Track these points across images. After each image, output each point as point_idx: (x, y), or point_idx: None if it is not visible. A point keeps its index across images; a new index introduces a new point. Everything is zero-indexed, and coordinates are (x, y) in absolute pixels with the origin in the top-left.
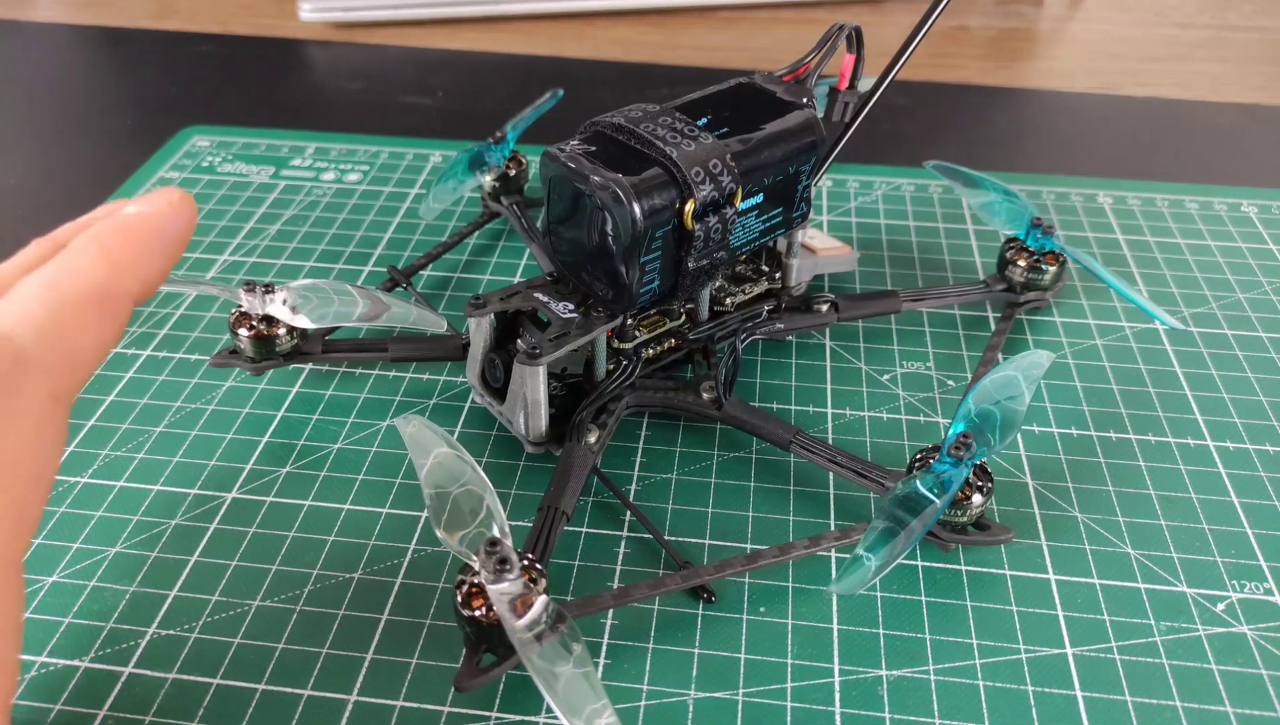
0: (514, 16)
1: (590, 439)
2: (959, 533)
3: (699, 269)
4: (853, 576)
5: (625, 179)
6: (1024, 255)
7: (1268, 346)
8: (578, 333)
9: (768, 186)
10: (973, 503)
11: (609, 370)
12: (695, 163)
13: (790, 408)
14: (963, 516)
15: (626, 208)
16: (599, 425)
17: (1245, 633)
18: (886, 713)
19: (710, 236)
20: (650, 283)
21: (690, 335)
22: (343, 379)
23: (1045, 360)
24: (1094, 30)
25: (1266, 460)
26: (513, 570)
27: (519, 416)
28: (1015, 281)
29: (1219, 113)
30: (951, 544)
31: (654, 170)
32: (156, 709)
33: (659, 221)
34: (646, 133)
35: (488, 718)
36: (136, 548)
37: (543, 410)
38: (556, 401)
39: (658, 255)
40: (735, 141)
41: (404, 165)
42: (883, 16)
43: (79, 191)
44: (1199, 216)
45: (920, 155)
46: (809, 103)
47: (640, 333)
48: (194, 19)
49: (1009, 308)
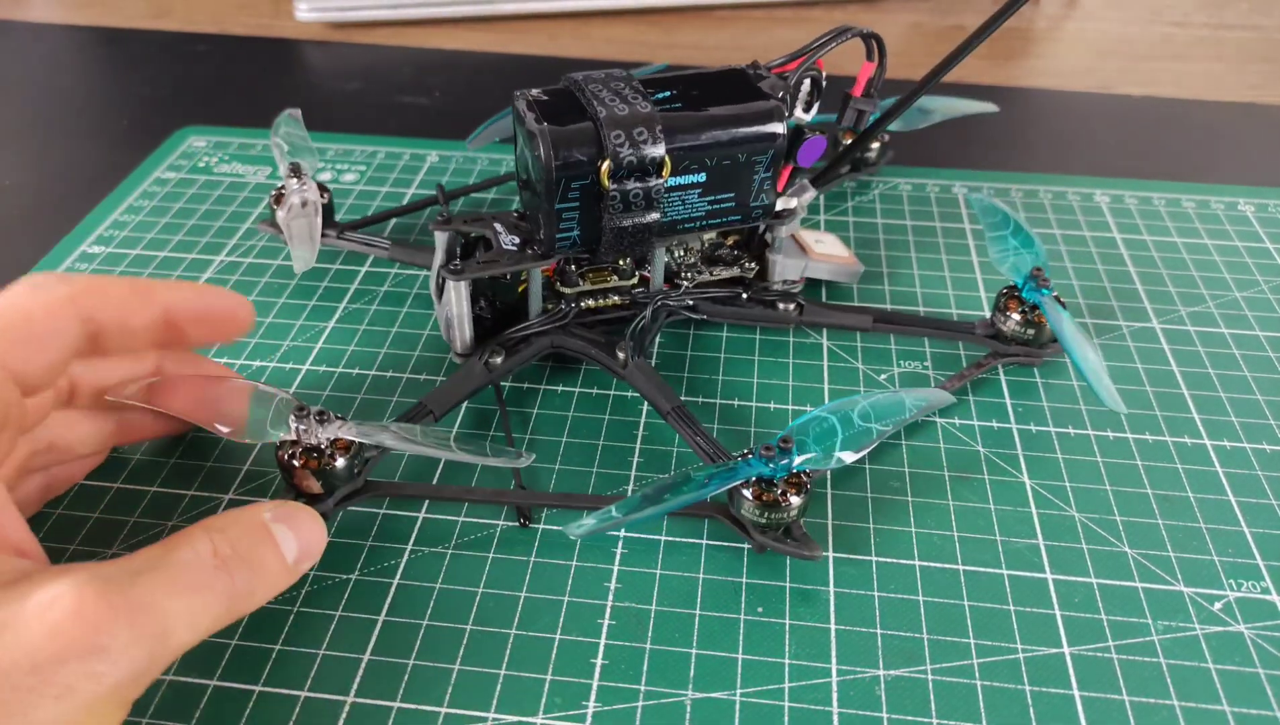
0: (511, 16)
1: (495, 360)
2: (771, 534)
3: (621, 230)
4: (588, 522)
5: (549, 127)
6: (1017, 306)
7: (1264, 345)
8: (506, 263)
9: (711, 167)
10: (784, 506)
11: (546, 309)
12: (619, 125)
13: (787, 407)
14: (768, 519)
15: (542, 153)
16: (511, 351)
17: (1242, 632)
18: (884, 713)
19: (630, 201)
20: (569, 231)
21: (638, 297)
22: (340, 379)
23: (941, 402)
24: (1090, 29)
25: (1264, 459)
26: (328, 417)
27: (444, 325)
28: (1003, 332)
29: (1215, 111)
30: (761, 547)
31: (583, 125)
32: (153, 711)
33: (575, 173)
34: (592, 93)
35: (485, 718)
36: (134, 549)
37: (465, 323)
38: (485, 323)
39: (575, 205)
40: (675, 115)
41: (400, 165)
42: (881, 16)
43: (74, 192)
44: (1196, 215)
45: (918, 155)
46: (782, 98)
47: (584, 283)
48: (190, 19)
49: (990, 357)
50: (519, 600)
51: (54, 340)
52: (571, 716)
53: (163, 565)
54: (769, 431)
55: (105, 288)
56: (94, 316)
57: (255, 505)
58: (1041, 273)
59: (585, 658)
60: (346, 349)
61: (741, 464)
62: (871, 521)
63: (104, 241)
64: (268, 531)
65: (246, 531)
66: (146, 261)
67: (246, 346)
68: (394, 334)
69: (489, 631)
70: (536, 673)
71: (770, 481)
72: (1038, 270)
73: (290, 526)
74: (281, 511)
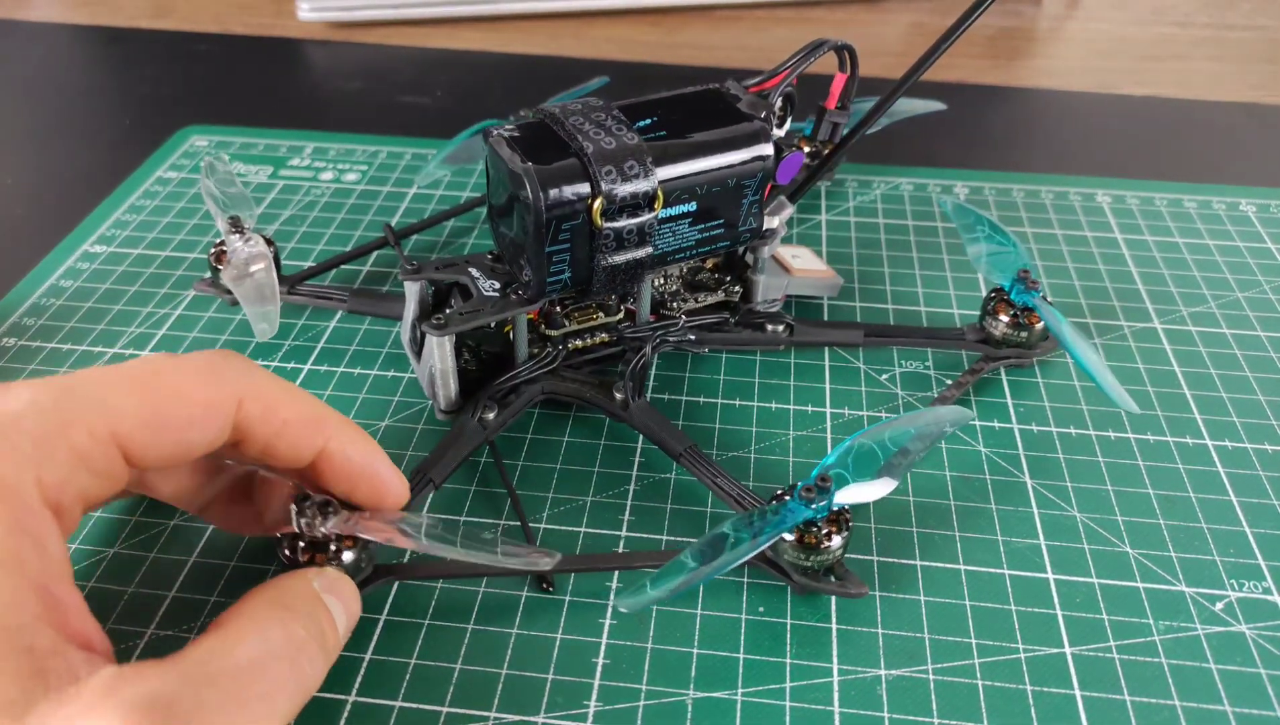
0: (512, 16)
1: (488, 416)
2: (813, 578)
3: (614, 267)
4: (632, 597)
5: (535, 167)
6: (1006, 309)
7: (1266, 346)
8: (490, 312)
9: (702, 196)
10: (828, 548)
11: (533, 354)
12: (608, 160)
13: (789, 407)
14: (813, 561)
15: (531, 196)
16: (502, 404)
17: (1244, 632)
18: (885, 712)
19: (624, 237)
20: (559, 274)
21: (626, 333)
22: (341, 379)
23: (963, 418)
24: (1092, 29)
25: (1265, 459)
26: (333, 506)
27: (427, 382)
28: (993, 335)
29: (1217, 111)
30: (803, 589)
31: (569, 162)
32: None
33: (565, 214)
34: (573, 126)
35: (486, 718)
36: (135, 548)
37: (450, 379)
38: (472, 375)
39: (565, 246)
40: (663, 145)
41: (402, 165)
42: (881, 16)
43: (76, 192)
44: (1197, 216)
45: (918, 155)
46: (765, 118)
47: (570, 323)
48: (192, 18)
49: (983, 361)
50: (520, 600)
51: (189, 435)
52: (573, 716)
53: (228, 671)
54: (770, 431)
55: (279, 404)
56: (249, 430)
57: (302, 573)
58: (1029, 275)
59: (587, 657)
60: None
61: (786, 512)
62: (873, 522)
63: (106, 241)
64: (324, 605)
65: (312, 607)
66: (149, 261)
67: None
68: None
69: (491, 631)
70: (538, 672)
71: (812, 522)
72: (1024, 272)
73: (337, 598)
74: (326, 581)
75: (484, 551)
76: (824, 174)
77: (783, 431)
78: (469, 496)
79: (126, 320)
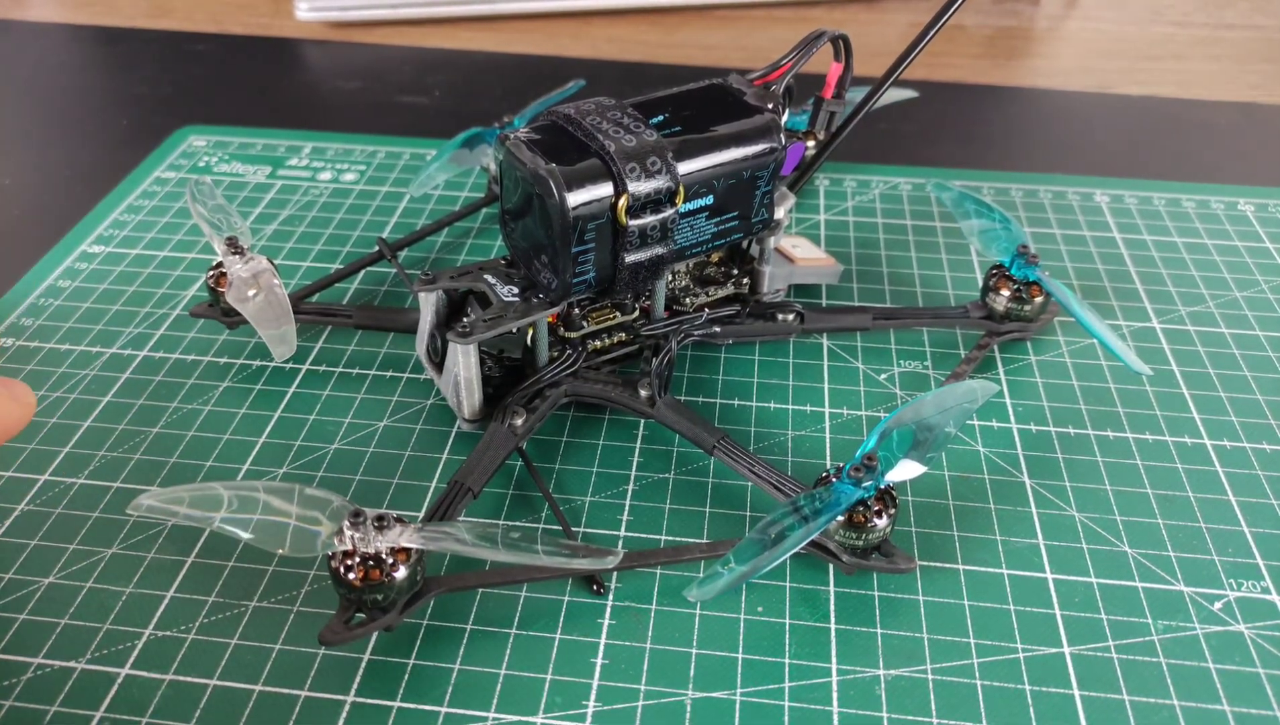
0: (511, 15)
1: (516, 422)
2: (862, 556)
3: (637, 264)
4: (707, 585)
5: (559, 168)
6: (1007, 284)
7: (1264, 345)
8: (513, 317)
9: (719, 189)
10: (877, 526)
11: (553, 357)
12: (631, 158)
13: (787, 407)
14: (864, 540)
15: (557, 197)
16: (529, 410)
17: (1242, 631)
18: (884, 712)
19: (647, 234)
20: (585, 274)
21: (642, 331)
22: (340, 380)
23: (987, 391)
24: (1090, 29)
25: (1264, 459)
26: (388, 521)
27: (451, 392)
28: (996, 310)
29: (1215, 111)
30: (852, 568)
31: (591, 162)
32: (153, 710)
33: (591, 213)
34: (591, 126)
35: (485, 718)
36: (133, 549)
37: (475, 388)
38: (494, 382)
39: (591, 246)
40: (680, 141)
41: (400, 165)
42: (880, 15)
43: (74, 192)
44: (1196, 215)
45: (917, 154)
46: (774, 109)
47: (588, 323)
48: (190, 18)
49: (987, 336)
50: (519, 599)
51: None
52: (572, 716)
53: None
54: (769, 431)
55: None
56: None
57: None
58: (1028, 250)
59: (585, 657)
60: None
61: (839, 493)
62: None
63: (104, 241)
64: None
65: None
66: (146, 261)
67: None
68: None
69: (489, 631)
70: (537, 672)
71: (863, 502)
72: (1023, 247)
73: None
74: None
75: (556, 554)
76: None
77: (781, 431)
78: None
79: (124, 320)
